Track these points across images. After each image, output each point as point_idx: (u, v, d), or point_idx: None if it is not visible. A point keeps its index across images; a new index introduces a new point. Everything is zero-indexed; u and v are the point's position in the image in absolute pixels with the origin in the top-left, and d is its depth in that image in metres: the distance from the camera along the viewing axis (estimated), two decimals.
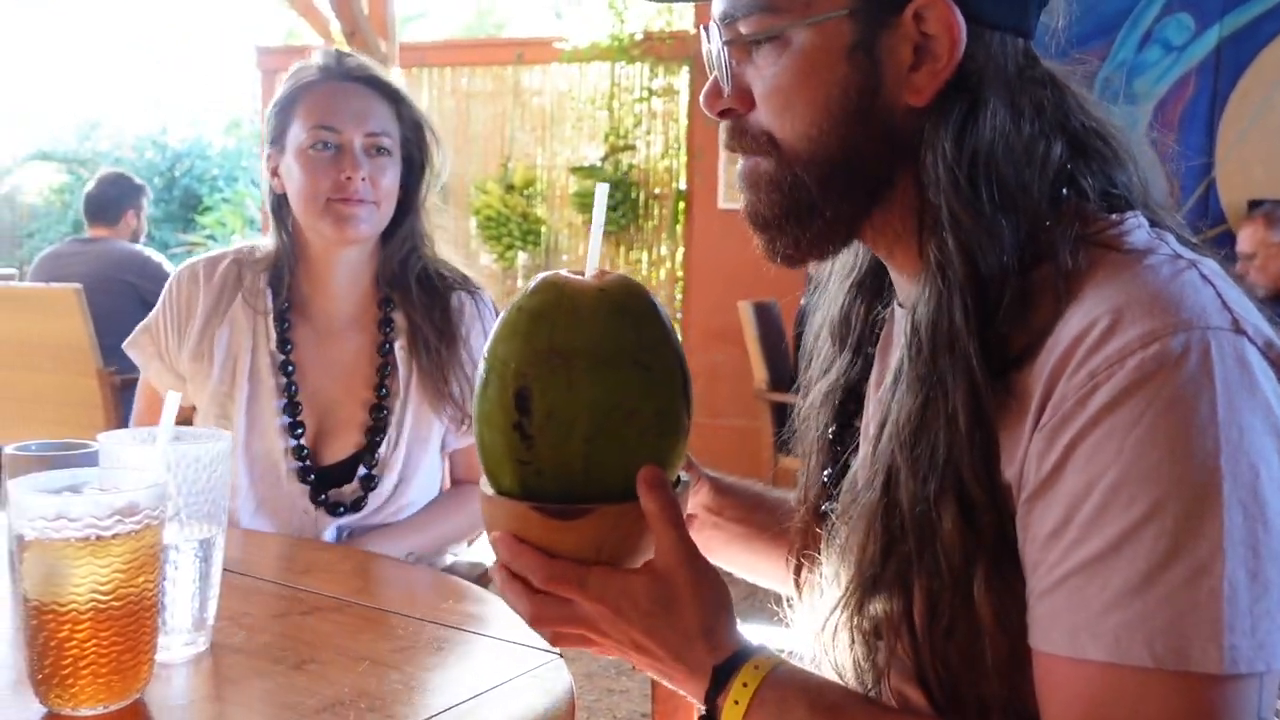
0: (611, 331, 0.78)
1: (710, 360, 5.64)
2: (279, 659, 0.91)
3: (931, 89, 0.75)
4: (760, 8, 0.77)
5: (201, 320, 1.54)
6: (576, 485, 0.77)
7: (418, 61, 6.38)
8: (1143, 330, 0.65)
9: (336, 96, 1.51)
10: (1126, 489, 0.64)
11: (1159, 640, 0.62)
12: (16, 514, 0.75)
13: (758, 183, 0.81)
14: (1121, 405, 0.65)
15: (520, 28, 12.41)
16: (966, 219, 0.73)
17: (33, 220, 11.96)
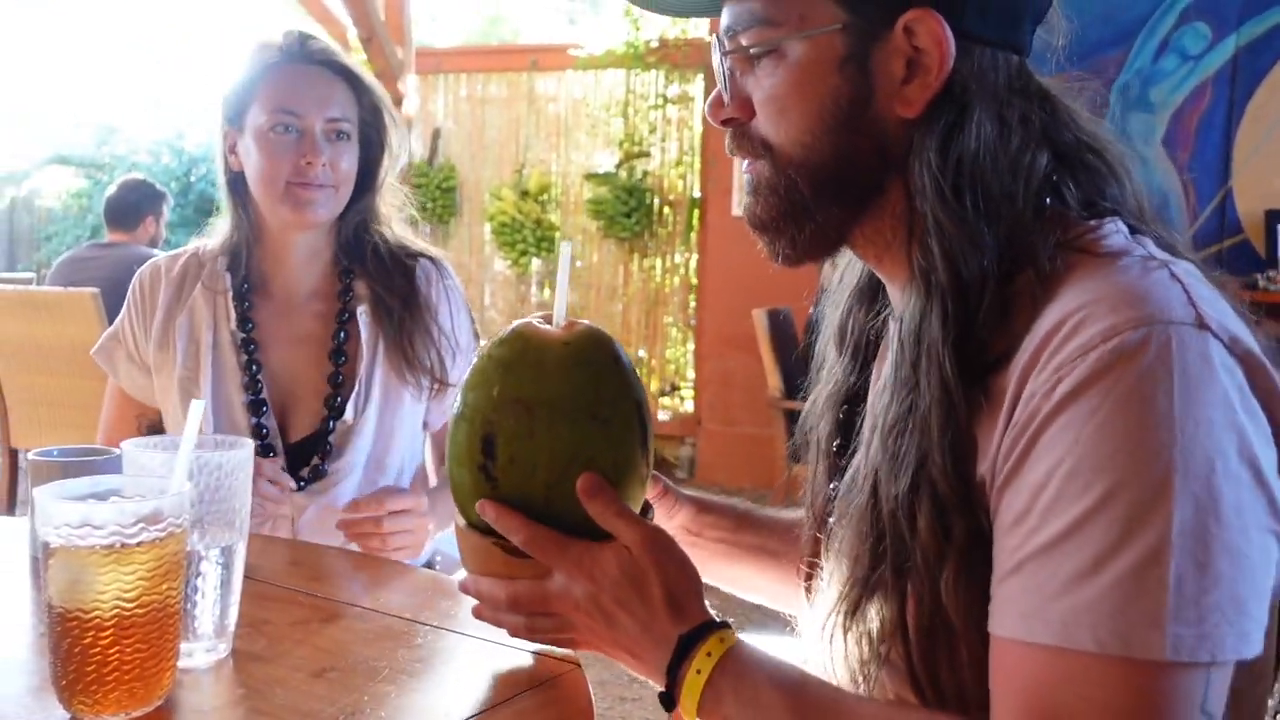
0: (572, 385, 0.84)
1: (724, 367, 5.64)
2: (299, 666, 0.91)
3: (921, 101, 0.79)
4: (760, 21, 0.82)
5: (163, 312, 1.58)
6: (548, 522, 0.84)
7: (433, 68, 6.41)
8: (1105, 325, 0.67)
9: (298, 80, 1.53)
10: (1082, 477, 0.66)
11: (1104, 626, 0.64)
12: (42, 521, 0.75)
13: (757, 187, 0.86)
14: (1081, 396, 0.67)
15: (534, 34, 12.44)
16: (950, 226, 0.76)
17: (50, 224, 12.02)
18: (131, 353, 1.60)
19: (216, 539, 0.91)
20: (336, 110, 1.53)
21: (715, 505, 1.15)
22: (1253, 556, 0.65)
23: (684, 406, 6.17)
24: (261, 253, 1.61)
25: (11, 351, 3.99)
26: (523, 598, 0.87)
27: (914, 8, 0.78)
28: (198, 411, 0.86)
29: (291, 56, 1.55)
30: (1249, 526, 0.65)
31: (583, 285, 6.35)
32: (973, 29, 0.79)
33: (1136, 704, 0.63)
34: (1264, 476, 0.66)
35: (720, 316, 5.62)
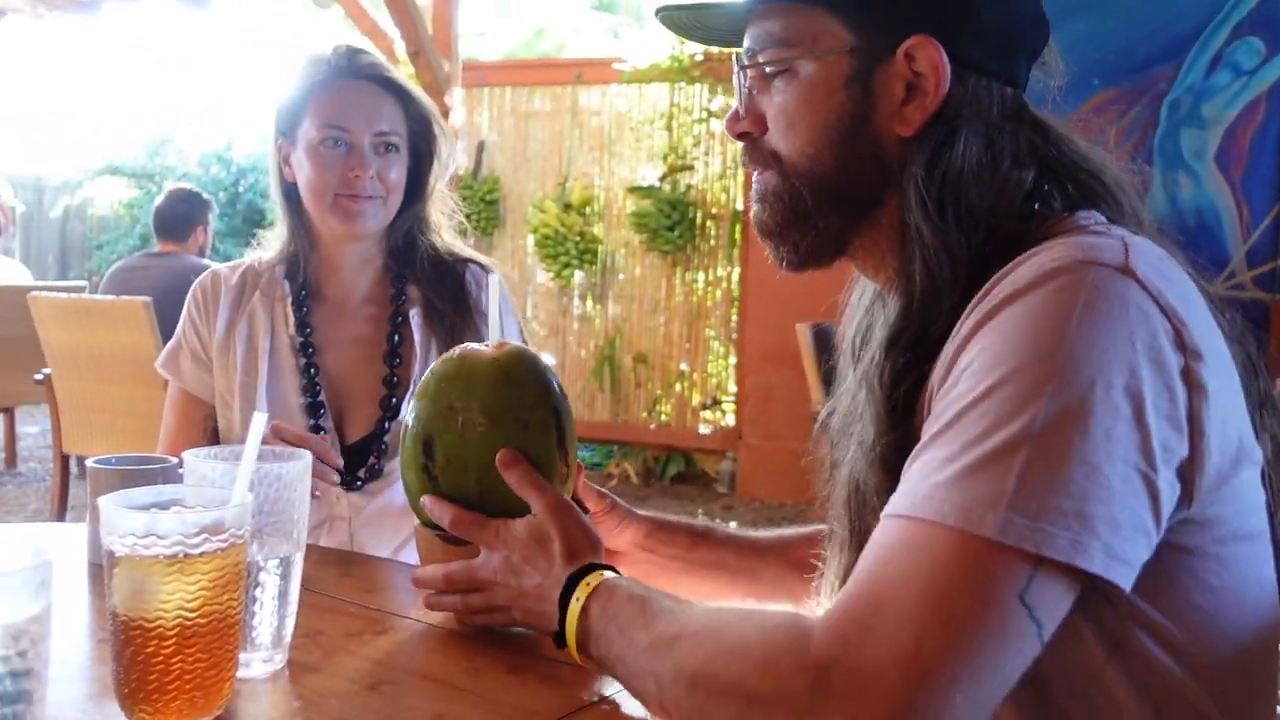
0: (497, 393, 0.99)
1: (766, 381, 5.62)
2: (354, 679, 0.92)
3: (918, 121, 0.86)
4: (776, 42, 0.91)
5: (225, 318, 1.62)
6: None
7: (478, 81, 6.46)
8: (1038, 264, 0.75)
9: (347, 95, 1.57)
10: (975, 375, 0.73)
11: (950, 501, 0.70)
12: (107, 530, 0.76)
13: (765, 195, 0.94)
14: (999, 310, 0.74)
15: (579, 48, 12.50)
16: (930, 237, 0.83)
17: (102, 233, 12.24)
18: (197, 354, 1.63)
19: (275, 550, 0.91)
20: (384, 124, 1.57)
21: (670, 524, 1.21)
22: (1112, 483, 0.68)
23: (725, 420, 6.15)
24: (316, 260, 1.65)
25: (64, 359, 4.06)
26: (455, 576, 1.01)
27: (915, 35, 0.86)
28: (260, 424, 0.86)
29: (340, 72, 1.58)
30: (1114, 455, 0.69)
31: (625, 298, 6.36)
32: (968, 57, 0.86)
33: (958, 572, 0.68)
34: (1145, 416, 0.70)
35: (763, 330, 5.60)
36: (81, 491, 5.04)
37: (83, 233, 12.54)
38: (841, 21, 0.88)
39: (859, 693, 0.67)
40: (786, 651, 0.72)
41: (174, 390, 1.67)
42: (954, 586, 0.68)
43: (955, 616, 0.67)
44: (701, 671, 0.76)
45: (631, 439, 6.26)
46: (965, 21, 0.86)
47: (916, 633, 0.67)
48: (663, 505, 5.52)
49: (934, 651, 0.66)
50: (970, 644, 0.67)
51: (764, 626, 0.77)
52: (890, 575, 0.70)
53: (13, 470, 5.78)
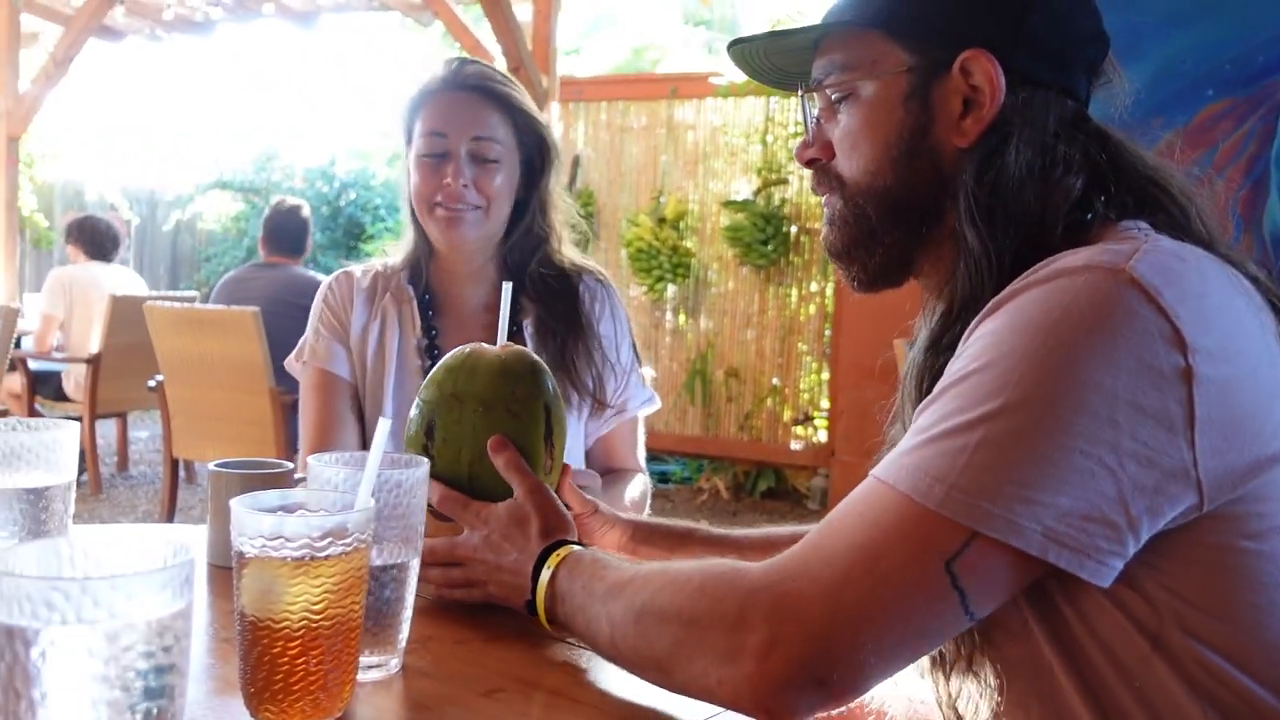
0: (494, 386, 1.09)
1: (860, 397, 5.54)
2: (467, 685, 0.92)
3: (975, 132, 0.89)
4: (839, 68, 0.95)
5: (359, 315, 1.65)
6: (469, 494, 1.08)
7: (575, 96, 6.53)
8: (1048, 268, 0.78)
9: (449, 105, 1.59)
10: (963, 360, 0.78)
11: (906, 469, 0.76)
12: (238, 531, 0.78)
13: (833, 219, 0.98)
14: (999, 307, 0.78)
15: (674, 63, 12.55)
16: (975, 242, 0.86)
17: (210, 245, 12.68)
18: (339, 336, 1.65)
19: (393, 555, 0.92)
20: (482, 131, 1.58)
21: (655, 527, 1.24)
22: (1067, 474, 0.71)
23: (817, 436, 6.09)
24: (435, 267, 1.69)
25: (175, 365, 4.20)
26: (437, 549, 1.08)
27: (969, 49, 0.89)
28: (384, 430, 0.88)
29: (445, 83, 1.61)
30: (1073, 448, 0.72)
31: (717, 312, 6.35)
32: (1023, 69, 0.89)
33: (895, 530, 0.75)
34: (1118, 414, 0.72)
35: (857, 346, 5.53)
36: (188, 495, 5.23)
37: (193, 245, 13.00)
38: (898, 43, 0.92)
39: (782, 616, 0.75)
40: (725, 579, 0.81)
41: (315, 376, 1.64)
42: (887, 541, 0.75)
43: (880, 566, 0.74)
44: (648, 603, 0.85)
45: (722, 454, 6.24)
46: (1018, 35, 0.89)
47: (843, 572, 0.75)
48: (752, 521, 5.48)
49: (853, 592, 0.74)
50: (887, 592, 0.74)
51: (708, 563, 0.85)
52: (837, 524, 0.79)
53: (124, 473, 6.01)
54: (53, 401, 5.54)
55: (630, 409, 1.69)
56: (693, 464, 6.35)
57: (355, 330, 1.65)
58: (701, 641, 0.79)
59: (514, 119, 1.62)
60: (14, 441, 0.95)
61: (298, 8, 7.51)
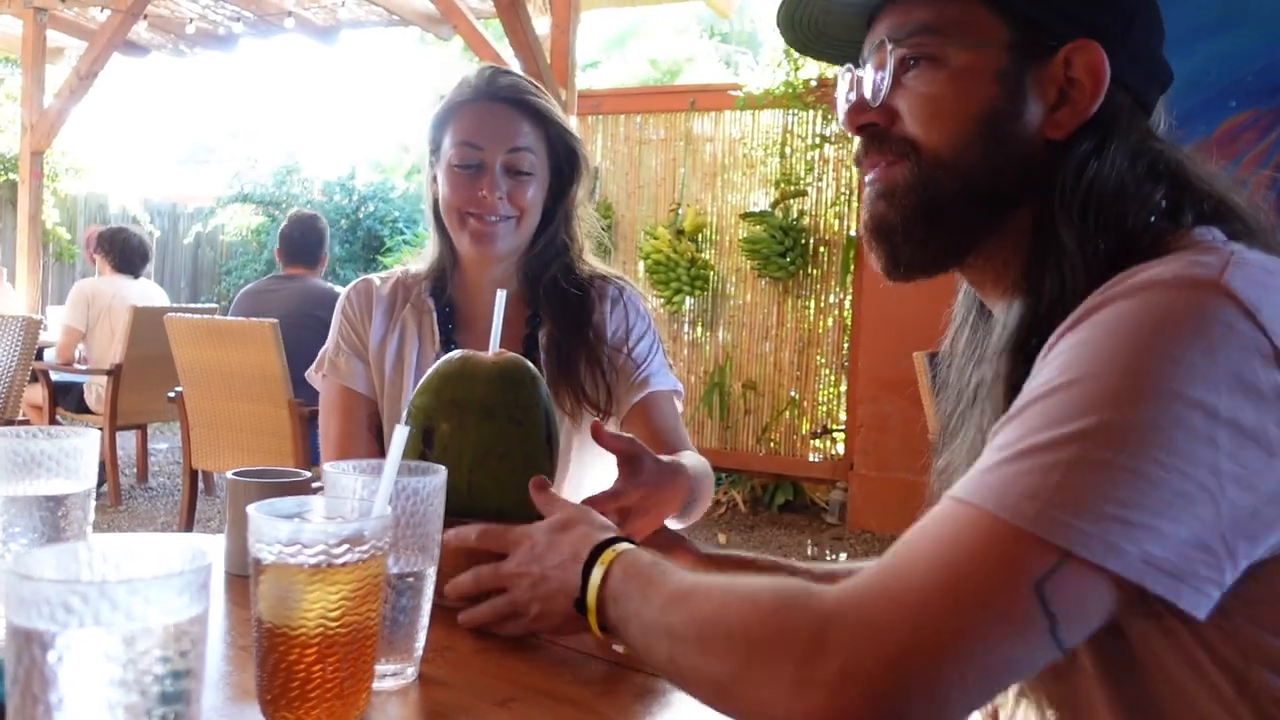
0: (496, 392, 1.09)
1: (879, 410, 5.52)
2: (483, 694, 0.92)
3: (1070, 125, 0.85)
4: (924, 29, 0.88)
5: (379, 326, 1.64)
6: (462, 505, 1.06)
7: (593, 109, 6.55)
8: (1137, 277, 0.73)
9: (484, 115, 1.58)
10: (1049, 371, 0.73)
11: (992, 485, 0.70)
12: (255, 537, 0.78)
13: (892, 190, 0.89)
14: (1087, 317, 0.74)
15: (693, 76, 12.59)
16: (1072, 244, 0.82)
17: (230, 258, 12.78)
18: (358, 351, 1.65)
19: (410, 563, 0.92)
20: (517, 144, 1.57)
21: (722, 557, 1.19)
22: (1165, 496, 0.66)
23: (835, 449, 6.07)
24: (459, 279, 1.68)
25: (195, 377, 4.23)
26: (484, 577, 1.04)
27: (1079, 38, 0.85)
28: (402, 436, 0.88)
29: (479, 93, 1.60)
30: (1173, 468, 0.67)
31: (735, 325, 6.34)
32: (1121, 72, 0.85)
33: (981, 552, 0.68)
34: (1217, 435, 0.67)
35: (876, 359, 5.51)
36: (208, 506, 5.25)
37: (213, 258, 13.11)
38: (999, 16, 0.86)
39: (858, 646, 0.68)
40: (797, 602, 0.73)
41: (335, 393, 1.65)
42: (972, 563, 0.68)
43: (964, 589, 0.67)
44: (713, 619, 0.78)
45: (740, 466, 6.22)
46: (1124, 38, 0.86)
47: (923, 598, 0.68)
48: (770, 534, 5.46)
49: (935, 617, 0.67)
50: (972, 616, 0.67)
51: (780, 582, 0.78)
52: (917, 546, 0.72)
53: (144, 484, 6.04)
54: (74, 413, 5.59)
55: (654, 383, 1.62)
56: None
57: (374, 342, 1.65)
58: (769, 667, 0.72)
59: (546, 130, 1.61)
60: (34, 449, 0.95)
61: (318, 22, 7.58)
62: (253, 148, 14.34)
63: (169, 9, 7.37)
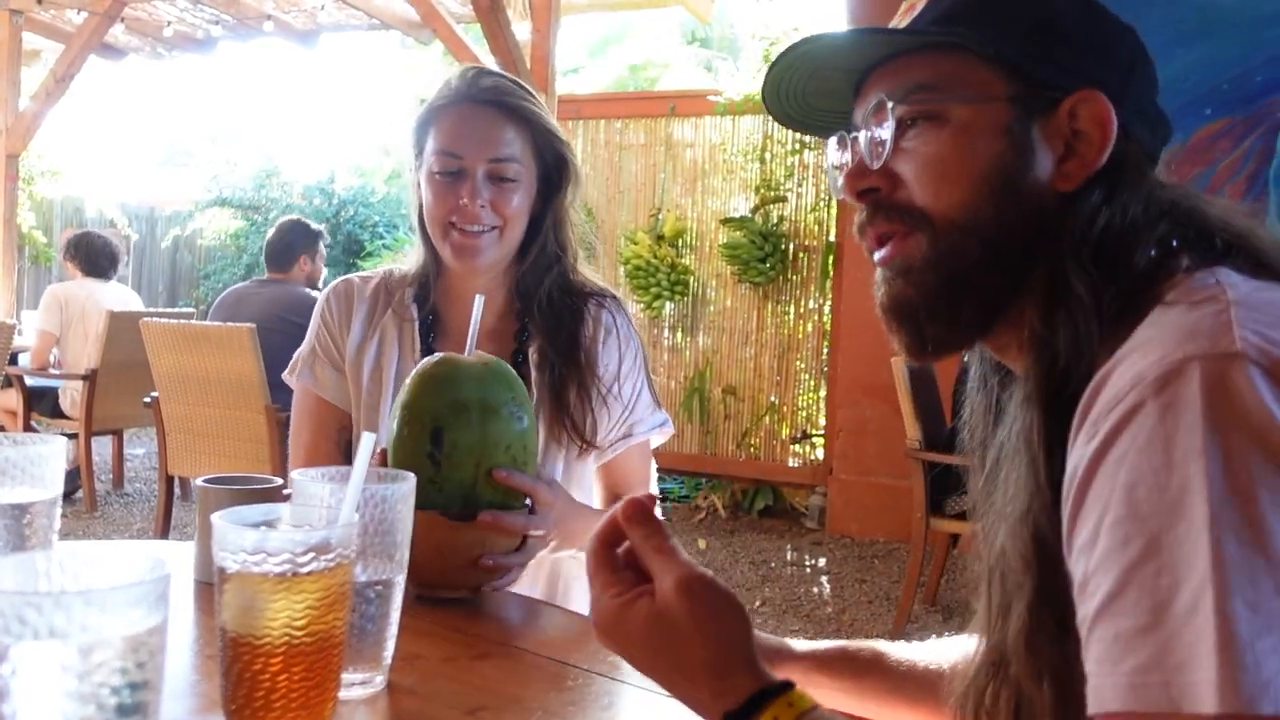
0: (494, 392, 1.15)
1: (858, 415, 5.53)
2: (452, 704, 0.91)
3: (1080, 177, 0.81)
4: (921, 87, 0.84)
5: (358, 331, 1.58)
6: (468, 499, 1.13)
7: (573, 114, 6.55)
8: (1133, 373, 0.66)
9: (465, 120, 1.50)
10: (1121, 528, 0.63)
11: (1154, 677, 0.59)
12: (219, 546, 0.77)
13: (909, 266, 0.84)
14: (1111, 446, 0.65)
15: (672, 81, 12.61)
16: (1086, 294, 0.77)
17: (209, 262, 12.70)
18: (334, 360, 1.60)
19: (378, 571, 0.92)
20: (500, 150, 1.49)
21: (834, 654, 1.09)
22: None
23: (814, 454, 6.08)
24: (442, 287, 1.61)
25: (171, 382, 4.20)
26: None
27: (1082, 89, 0.82)
28: (369, 444, 0.87)
29: (460, 96, 1.52)
30: None
31: (715, 330, 6.35)
32: (1126, 123, 0.83)
33: None
34: None
35: (855, 363, 5.52)
36: (184, 512, 5.21)
37: (191, 262, 13.03)
38: (999, 71, 0.83)
39: None
40: None
41: (307, 399, 1.62)
42: None
43: None
44: None
45: (720, 471, 6.22)
46: (1125, 88, 0.84)
47: None
48: (750, 539, 5.46)
49: None
50: None
51: None
52: None
53: (120, 490, 5.99)
54: (49, 419, 5.54)
55: (638, 433, 1.59)
56: (690, 482, 6.34)
57: (351, 348, 1.59)
58: None
59: (533, 134, 1.53)
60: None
61: (298, 26, 7.55)
62: (232, 151, 14.26)
63: (146, 12, 7.32)
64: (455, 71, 1.56)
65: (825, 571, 4.96)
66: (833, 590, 4.63)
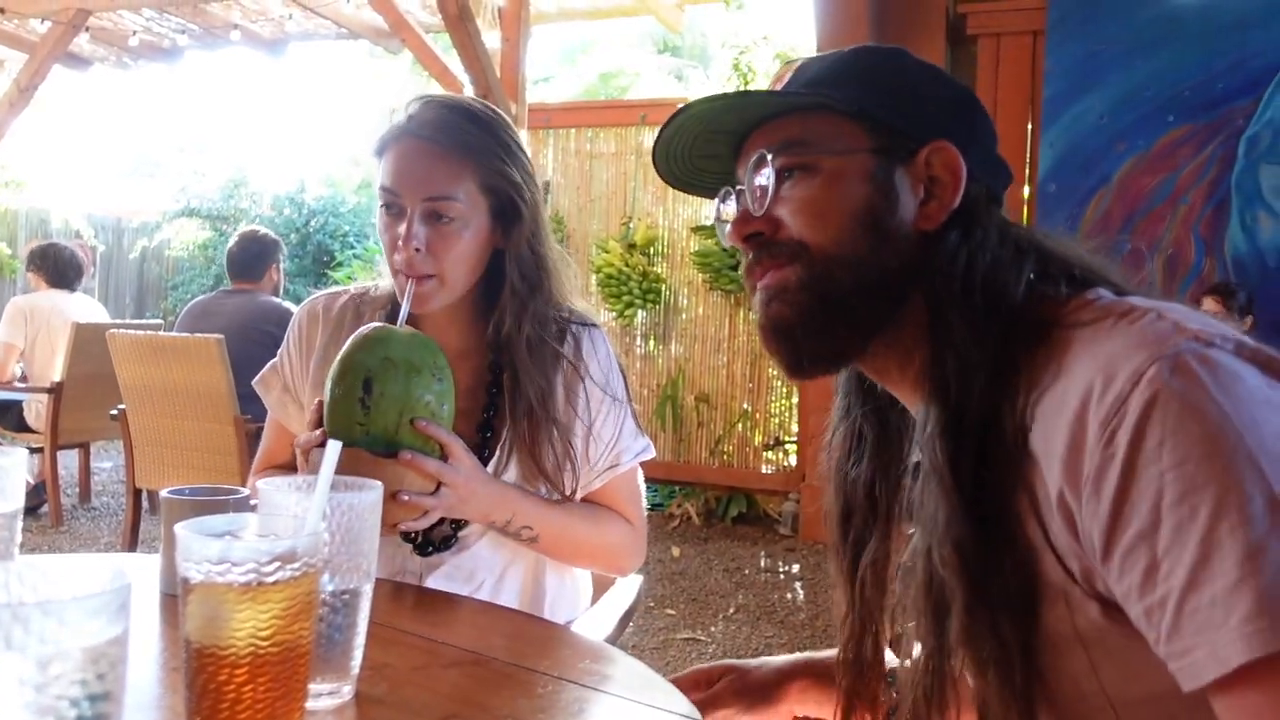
0: (419, 354, 1.28)
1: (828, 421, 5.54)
2: (421, 713, 0.91)
3: (939, 217, 0.92)
4: (794, 144, 0.94)
5: (320, 353, 1.56)
6: (391, 442, 1.24)
7: (544, 123, 6.55)
8: (1127, 373, 0.74)
9: (404, 157, 1.42)
10: (1186, 503, 0.69)
11: (1264, 622, 0.64)
12: (183, 556, 0.77)
13: (785, 291, 0.93)
14: (1143, 437, 0.72)
15: (643, 90, 12.63)
16: (960, 325, 0.87)
17: (177, 274, 12.59)
18: (288, 384, 1.60)
19: (345, 580, 0.91)
20: (437, 189, 1.40)
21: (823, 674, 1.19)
22: None
23: (787, 461, 6.09)
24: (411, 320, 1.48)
25: (138, 394, 4.15)
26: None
27: (935, 140, 0.92)
28: (334, 452, 0.87)
29: (402, 130, 1.44)
30: None
31: (688, 338, 6.36)
32: (972, 166, 0.93)
33: None
34: None
35: None
36: (153, 526, 5.15)
37: (159, 273, 12.91)
38: (861, 126, 0.93)
39: None
40: None
41: (273, 421, 1.64)
42: None
43: None
44: None
45: (693, 479, 6.23)
46: (970, 138, 0.95)
47: None
48: (724, 547, 5.47)
49: None
50: None
51: None
52: None
53: (86, 505, 5.91)
54: (14, 432, 5.46)
55: (624, 462, 1.55)
56: (664, 490, 6.34)
57: (314, 369, 1.56)
58: None
59: (477, 172, 1.43)
60: None
61: (265, 35, 7.51)
62: (200, 161, 14.14)
63: (111, 21, 7.27)
64: (409, 98, 1.50)
65: (799, 578, 4.97)
66: (806, 596, 4.64)
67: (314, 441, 1.28)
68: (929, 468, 0.87)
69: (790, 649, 3.88)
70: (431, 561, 1.48)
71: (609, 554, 1.56)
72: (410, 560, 1.47)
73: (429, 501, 1.28)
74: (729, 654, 3.81)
